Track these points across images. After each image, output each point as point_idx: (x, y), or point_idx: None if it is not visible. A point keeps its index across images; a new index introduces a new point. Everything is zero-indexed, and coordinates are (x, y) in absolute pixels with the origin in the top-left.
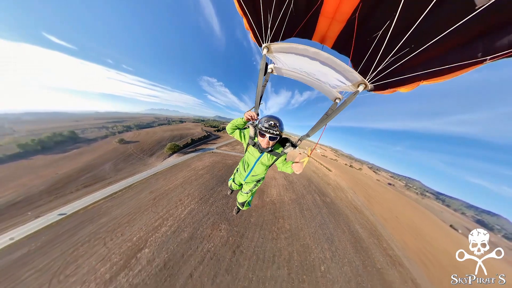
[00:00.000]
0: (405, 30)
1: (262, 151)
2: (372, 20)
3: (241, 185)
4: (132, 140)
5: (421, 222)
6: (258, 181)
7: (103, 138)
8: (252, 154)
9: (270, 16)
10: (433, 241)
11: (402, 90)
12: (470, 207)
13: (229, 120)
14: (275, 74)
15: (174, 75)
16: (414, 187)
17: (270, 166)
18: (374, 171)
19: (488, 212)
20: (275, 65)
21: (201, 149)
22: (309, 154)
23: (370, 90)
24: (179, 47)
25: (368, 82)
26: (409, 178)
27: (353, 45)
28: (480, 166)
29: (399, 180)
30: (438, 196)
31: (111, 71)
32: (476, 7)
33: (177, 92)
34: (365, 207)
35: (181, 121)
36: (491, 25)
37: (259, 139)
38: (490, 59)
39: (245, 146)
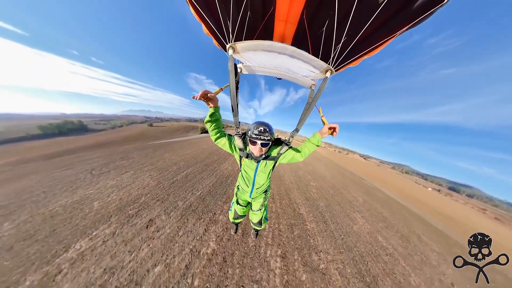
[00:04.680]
0: (344, 22)
1: (257, 160)
2: (318, 19)
3: (247, 204)
4: (158, 126)
5: (386, 175)
6: (265, 192)
7: (119, 127)
8: (248, 166)
9: (229, 21)
10: (387, 179)
11: (352, 65)
12: (450, 182)
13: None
14: (246, 73)
15: (156, 72)
16: (401, 169)
17: (271, 172)
18: (363, 158)
19: (465, 185)
20: (244, 64)
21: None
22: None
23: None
24: (162, 41)
25: (333, 68)
26: (399, 164)
27: (309, 41)
28: (462, 150)
29: (387, 164)
30: (422, 175)
31: (76, 64)
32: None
33: (160, 90)
34: (338, 161)
35: (176, 120)
36: (396, 9)
37: (250, 148)
38: (399, 32)
39: (237, 158)
